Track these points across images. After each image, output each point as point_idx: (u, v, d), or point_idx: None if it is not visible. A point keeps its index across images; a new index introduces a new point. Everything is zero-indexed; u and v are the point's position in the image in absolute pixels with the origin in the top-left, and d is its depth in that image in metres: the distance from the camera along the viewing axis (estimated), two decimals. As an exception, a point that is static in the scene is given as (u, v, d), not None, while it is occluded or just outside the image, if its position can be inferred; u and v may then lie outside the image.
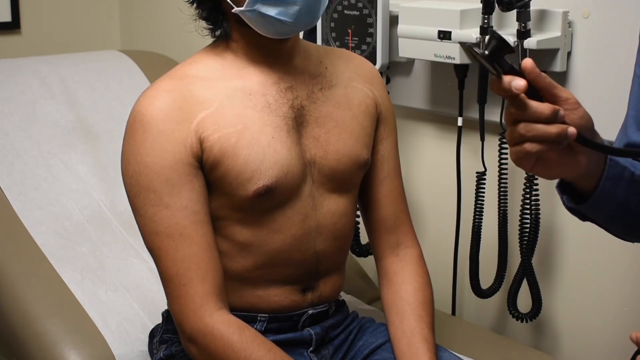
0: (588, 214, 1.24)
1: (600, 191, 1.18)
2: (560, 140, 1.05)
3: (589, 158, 1.13)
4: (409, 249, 1.58)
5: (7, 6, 2.68)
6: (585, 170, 1.15)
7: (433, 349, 1.49)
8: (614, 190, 1.19)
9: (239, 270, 1.46)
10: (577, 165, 1.12)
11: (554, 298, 1.96)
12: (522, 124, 1.05)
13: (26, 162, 2.09)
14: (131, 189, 1.39)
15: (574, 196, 1.22)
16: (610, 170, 1.18)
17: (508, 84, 1.03)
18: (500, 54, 1.03)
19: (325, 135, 1.46)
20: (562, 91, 1.08)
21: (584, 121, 1.09)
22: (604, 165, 1.17)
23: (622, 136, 1.31)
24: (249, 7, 1.34)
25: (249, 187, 1.39)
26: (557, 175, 1.17)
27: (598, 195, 1.18)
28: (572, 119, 1.08)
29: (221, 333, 1.37)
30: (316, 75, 1.48)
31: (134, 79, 2.36)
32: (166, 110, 1.36)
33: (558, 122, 1.05)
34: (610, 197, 1.19)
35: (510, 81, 1.03)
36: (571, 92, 1.10)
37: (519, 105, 1.04)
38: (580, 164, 1.12)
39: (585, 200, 1.20)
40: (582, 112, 1.10)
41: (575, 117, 1.08)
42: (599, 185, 1.18)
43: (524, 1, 1.67)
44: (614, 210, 1.22)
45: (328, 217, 1.49)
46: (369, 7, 1.93)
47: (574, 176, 1.17)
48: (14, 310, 1.83)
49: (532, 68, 1.04)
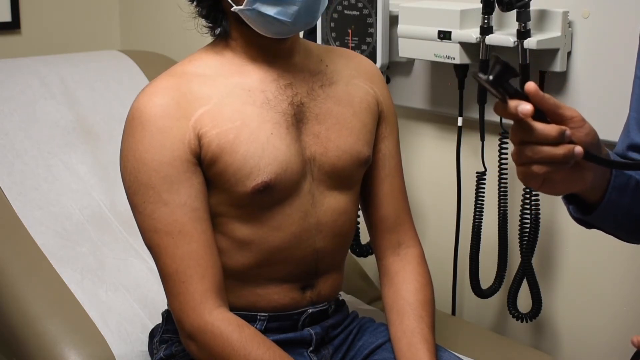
0: (595, 223, 1.26)
1: (607, 201, 1.19)
2: (567, 160, 1.06)
3: (595, 172, 1.14)
4: (410, 249, 1.58)
5: (7, 6, 2.68)
6: (592, 184, 1.16)
7: (433, 349, 1.49)
8: (620, 199, 1.20)
9: (239, 268, 1.46)
10: (584, 181, 1.13)
11: (554, 298, 1.96)
12: (529, 146, 1.05)
13: (26, 162, 2.09)
14: (130, 185, 1.39)
15: (580, 206, 1.23)
16: (616, 180, 1.19)
17: (515, 109, 1.02)
18: (505, 78, 1.02)
19: (325, 132, 1.46)
20: (567, 110, 1.08)
21: (590, 138, 1.10)
22: (610, 176, 1.19)
23: (625, 138, 1.31)
24: (248, 6, 1.34)
25: (247, 183, 1.39)
26: (565, 192, 1.19)
27: (605, 205, 1.20)
28: (578, 137, 1.08)
29: (220, 331, 1.37)
30: (316, 72, 1.48)
31: (134, 79, 2.36)
32: (165, 107, 1.36)
33: (565, 143, 1.05)
34: (617, 206, 1.21)
35: (516, 106, 1.02)
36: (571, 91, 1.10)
37: (525, 129, 1.05)
38: (587, 179, 1.13)
39: (592, 210, 1.21)
40: (588, 129, 1.10)
41: (582, 134, 1.09)
42: (605, 196, 1.19)
43: (524, 1, 1.67)
44: (620, 218, 1.24)
45: (328, 215, 1.49)
46: (369, 7, 1.93)
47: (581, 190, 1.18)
48: (14, 310, 1.83)
49: (535, 91, 1.04)
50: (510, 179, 1.89)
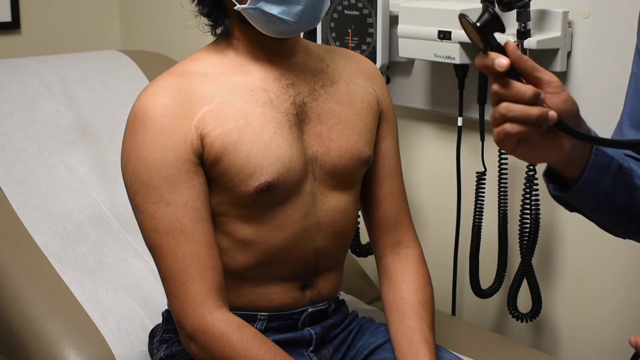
0: (573, 202, 1.23)
1: (585, 179, 1.17)
2: (540, 122, 1.05)
3: (574, 143, 1.12)
4: (409, 249, 1.58)
5: (7, 6, 2.68)
6: (570, 156, 1.13)
7: (433, 348, 1.49)
8: (599, 180, 1.18)
9: (239, 268, 1.46)
10: (561, 150, 1.11)
11: (554, 298, 1.96)
12: (504, 103, 1.05)
13: (26, 162, 2.09)
14: (131, 185, 1.39)
15: (561, 185, 1.21)
16: (596, 159, 1.16)
17: (492, 61, 1.03)
18: (491, 28, 1.03)
19: (327, 132, 1.46)
20: (544, 74, 1.08)
21: (567, 105, 1.09)
22: (589, 154, 1.16)
23: (618, 133, 1.31)
24: (252, 4, 1.34)
25: (250, 183, 1.39)
26: (541, 160, 1.16)
27: (583, 183, 1.17)
28: (555, 102, 1.07)
29: (221, 331, 1.37)
30: (318, 72, 1.48)
31: (134, 79, 2.36)
32: (167, 107, 1.36)
33: (539, 105, 1.05)
34: (596, 187, 1.18)
35: (494, 58, 1.03)
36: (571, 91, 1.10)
37: (501, 83, 1.04)
38: (563, 148, 1.11)
39: (570, 188, 1.19)
40: (566, 96, 1.09)
41: (559, 100, 1.08)
42: (583, 173, 1.16)
43: (524, 1, 1.67)
44: (600, 201, 1.21)
45: (329, 214, 1.49)
46: (369, 7, 1.94)
47: (559, 162, 1.16)
48: (14, 310, 1.82)
49: (514, 49, 1.04)
50: (510, 179, 1.89)
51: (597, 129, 1.15)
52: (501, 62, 1.03)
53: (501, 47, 1.04)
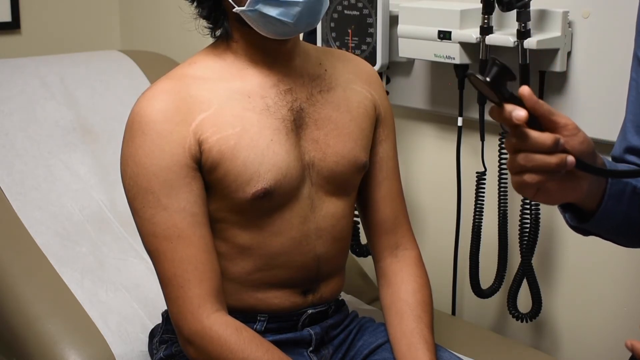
0: (592, 230, 1.24)
1: (603, 209, 1.18)
2: (559, 170, 1.05)
3: (590, 181, 1.13)
4: (407, 251, 1.58)
5: (7, 6, 2.68)
6: (587, 192, 1.14)
7: (433, 349, 1.49)
8: (616, 207, 1.19)
9: (239, 273, 1.46)
10: (579, 190, 1.12)
11: (554, 298, 1.96)
12: (522, 154, 1.05)
13: (26, 162, 2.09)
14: (130, 190, 1.39)
15: (577, 214, 1.22)
16: (612, 188, 1.17)
17: (509, 114, 1.02)
18: (502, 80, 1.01)
19: (324, 138, 1.46)
20: (560, 117, 1.07)
21: (584, 146, 1.09)
22: (605, 184, 1.17)
23: (622, 140, 1.31)
24: (251, 6, 1.33)
25: (247, 189, 1.38)
26: (560, 201, 1.17)
27: (601, 213, 1.18)
28: (572, 145, 1.07)
29: (219, 335, 1.37)
30: (315, 77, 1.48)
31: (134, 79, 2.36)
32: (164, 112, 1.36)
33: (559, 151, 1.04)
34: (613, 214, 1.19)
35: (511, 111, 1.02)
36: (571, 91, 1.10)
37: (519, 136, 1.04)
38: (582, 188, 1.12)
39: (588, 219, 1.20)
40: (582, 137, 1.09)
41: (575, 142, 1.08)
42: (601, 204, 1.17)
43: (524, 1, 1.67)
44: (617, 225, 1.22)
45: (327, 220, 1.49)
46: (369, 7, 1.93)
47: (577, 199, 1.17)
48: (14, 310, 1.83)
49: (529, 95, 1.03)
50: (510, 179, 1.89)
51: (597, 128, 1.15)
52: (519, 114, 1.02)
53: (514, 97, 1.02)
